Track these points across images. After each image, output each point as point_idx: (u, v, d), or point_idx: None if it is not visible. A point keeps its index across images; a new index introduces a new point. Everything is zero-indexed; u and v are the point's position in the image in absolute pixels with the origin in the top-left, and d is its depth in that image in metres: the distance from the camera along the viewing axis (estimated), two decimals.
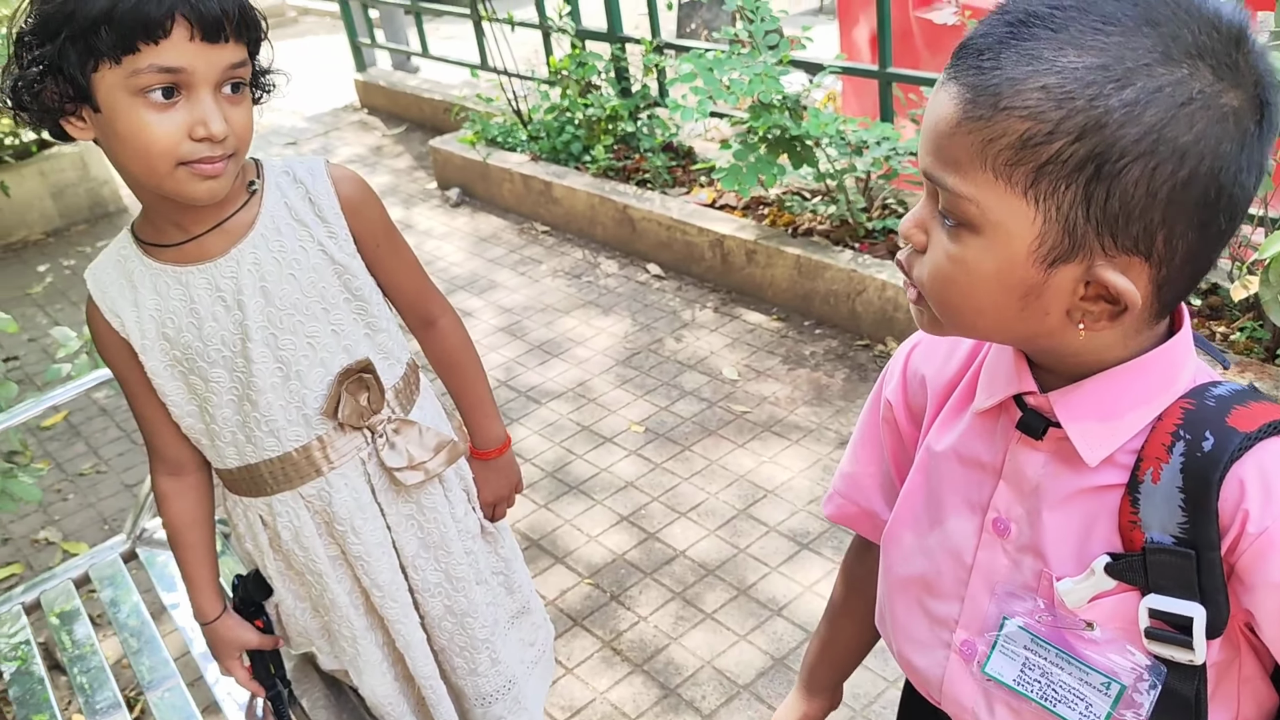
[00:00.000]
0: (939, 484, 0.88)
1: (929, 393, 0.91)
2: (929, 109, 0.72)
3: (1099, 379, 0.74)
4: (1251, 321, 2.38)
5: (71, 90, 1.06)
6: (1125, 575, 0.74)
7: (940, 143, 0.69)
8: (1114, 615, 0.76)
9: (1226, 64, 0.64)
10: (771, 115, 2.76)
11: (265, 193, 1.24)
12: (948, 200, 0.70)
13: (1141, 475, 0.73)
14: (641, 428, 2.86)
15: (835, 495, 1.04)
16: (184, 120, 1.07)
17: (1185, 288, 0.71)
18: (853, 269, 3.01)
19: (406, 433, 1.35)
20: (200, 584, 1.39)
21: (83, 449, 3.19)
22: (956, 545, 0.86)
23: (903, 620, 0.94)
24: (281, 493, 1.32)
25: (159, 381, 1.26)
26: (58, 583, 1.84)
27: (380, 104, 5.80)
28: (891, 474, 0.98)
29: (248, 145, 1.16)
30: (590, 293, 3.62)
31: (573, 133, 4.06)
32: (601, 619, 2.26)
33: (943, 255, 0.72)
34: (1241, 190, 0.67)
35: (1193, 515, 0.71)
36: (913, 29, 3.79)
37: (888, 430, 0.97)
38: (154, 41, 1.03)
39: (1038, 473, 0.79)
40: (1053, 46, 0.64)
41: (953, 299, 0.73)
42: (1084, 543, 0.77)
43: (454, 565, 1.43)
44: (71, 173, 4.95)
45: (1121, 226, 0.66)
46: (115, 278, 1.24)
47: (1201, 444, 0.71)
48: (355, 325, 1.30)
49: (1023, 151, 0.65)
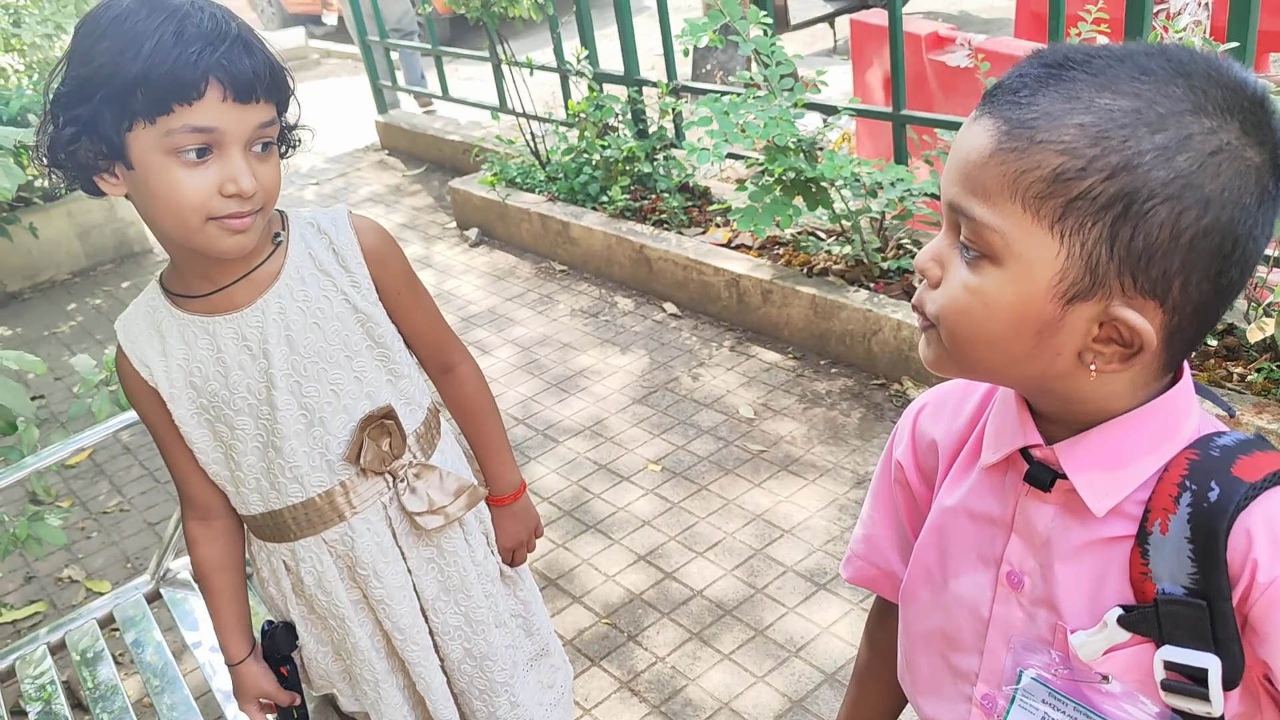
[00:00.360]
0: (951, 540, 0.89)
1: (939, 453, 0.92)
2: (958, 141, 0.73)
3: (1104, 429, 0.75)
4: (1269, 363, 2.38)
5: (105, 149, 1.10)
6: (1138, 627, 0.74)
7: (971, 172, 0.71)
8: (1130, 668, 0.76)
9: (1253, 123, 0.66)
10: (786, 158, 2.79)
11: (290, 244, 1.28)
12: (972, 230, 0.71)
13: (1150, 526, 0.73)
14: (659, 466, 2.87)
15: (854, 558, 1.05)
16: (215, 178, 1.10)
17: (1192, 340, 0.73)
18: (868, 309, 3.03)
19: (427, 477, 1.37)
20: (229, 627, 1.42)
21: (107, 487, 3.23)
22: (973, 599, 0.87)
23: (925, 674, 0.94)
24: (305, 538, 1.35)
25: (186, 429, 1.29)
26: (82, 623, 1.86)
27: (401, 145, 5.88)
28: (907, 534, 0.99)
29: (275, 200, 1.19)
30: (607, 331, 3.65)
31: (590, 174, 4.12)
32: (619, 659, 2.26)
33: (960, 286, 0.73)
34: (1254, 245, 0.69)
35: (1202, 566, 0.71)
36: (926, 72, 3.84)
37: (900, 491, 0.98)
38: (188, 103, 1.06)
39: (1048, 525, 0.80)
40: (1090, 88, 0.67)
41: (966, 331, 0.74)
42: (1096, 594, 0.78)
43: (474, 608, 1.45)
44: (98, 214, 5.04)
45: (1142, 268, 0.67)
46: (144, 328, 1.28)
47: (1208, 494, 0.71)
48: (378, 372, 1.33)
49: (1055, 185, 0.67)
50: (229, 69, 1.07)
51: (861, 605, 2.29)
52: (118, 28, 1.07)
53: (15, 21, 4.50)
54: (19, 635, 2.61)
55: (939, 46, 3.72)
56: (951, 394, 0.93)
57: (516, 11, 3.96)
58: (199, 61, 1.06)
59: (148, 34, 1.06)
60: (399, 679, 1.45)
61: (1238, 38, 2.31)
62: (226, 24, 1.10)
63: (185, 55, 1.05)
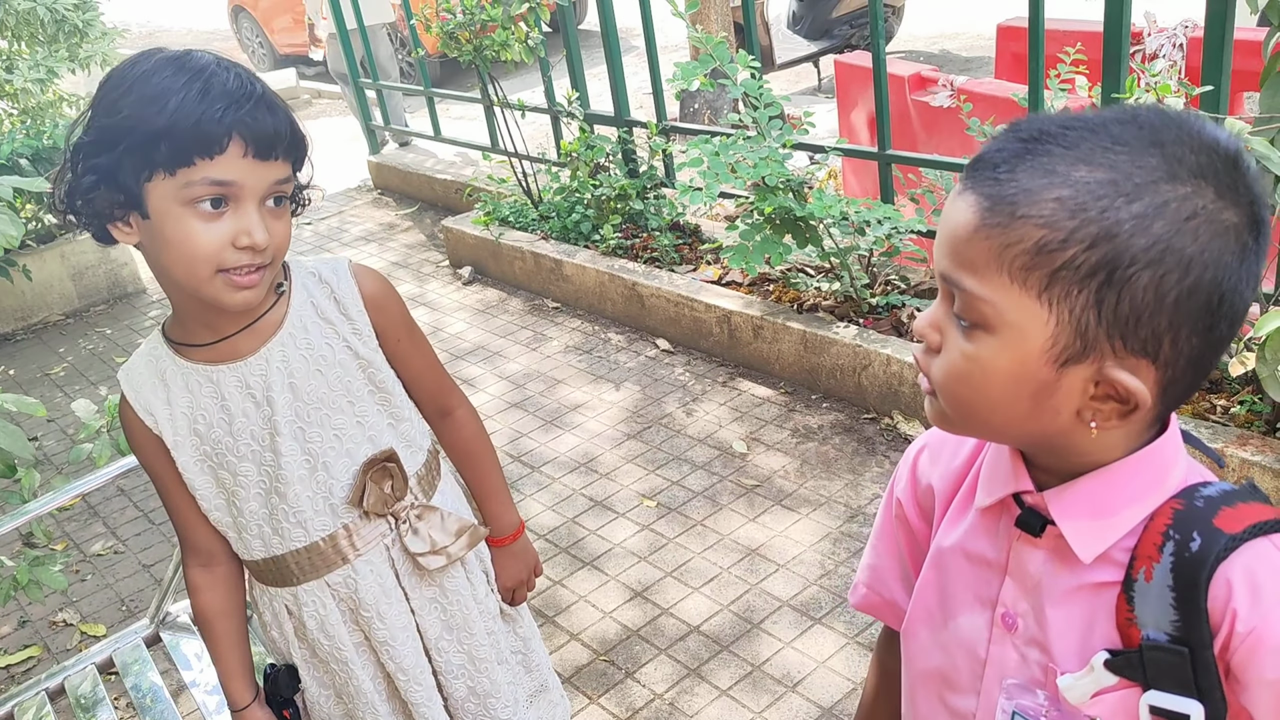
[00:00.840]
0: (949, 580, 0.91)
1: (936, 495, 0.95)
2: (945, 216, 0.76)
3: (1092, 477, 0.78)
4: (1251, 395, 2.43)
5: (123, 198, 1.13)
6: (1125, 671, 0.76)
7: (958, 247, 0.74)
8: (1117, 711, 0.78)
9: (1227, 184, 0.69)
10: (776, 197, 2.84)
11: (293, 293, 1.30)
12: (964, 300, 0.74)
13: (1135, 573, 0.76)
14: (653, 501, 2.89)
15: (860, 585, 1.08)
16: (229, 230, 1.13)
17: (1188, 389, 0.75)
18: (858, 343, 3.07)
19: (429, 518, 1.39)
20: (232, 672, 1.42)
21: (101, 529, 3.23)
22: (970, 640, 0.89)
23: (924, 713, 0.96)
24: (308, 582, 1.36)
25: (189, 476, 1.31)
26: (82, 668, 1.87)
27: (393, 184, 5.94)
28: (907, 567, 1.01)
29: (283, 255, 1.22)
30: (600, 367, 3.68)
31: (582, 212, 4.17)
32: (617, 695, 2.27)
33: (958, 354, 0.76)
34: (1240, 299, 0.71)
35: (1184, 614, 0.74)
36: (909, 111, 3.91)
37: (900, 527, 1.00)
38: (210, 157, 1.10)
39: (1039, 569, 0.82)
40: (1066, 162, 0.70)
41: (965, 396, 0.77)
42: (1086, 638, 0.80)
43: (476, 646, 1.46)
44: (91, 255, 5.07)
45: (1131, 330, 0.70)
46: (148, 377, 1.29)
47: (1189, 544, 0.74)
48: (379, 416, 1.35)
49: (1038, 257, 0.70)
50: (252, 126, 1.11)
51: (857, 640, 2.31)
52: (144, 83, 1.11)
53: (8, 67, 4.55)
54: (14, 681, 2.60)
55: (922, 87, 3.79)
56: (949, 437, 0.96)
57: (508, 55, 4.02)
58: (223, 118, 1.09)
59: (174, 90, 1.09)
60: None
61: (1211, 81, 2.37)
62: (251, 84, 1.14)
63: (211, 112, 1.09)
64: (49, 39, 4.47)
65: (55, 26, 4.36)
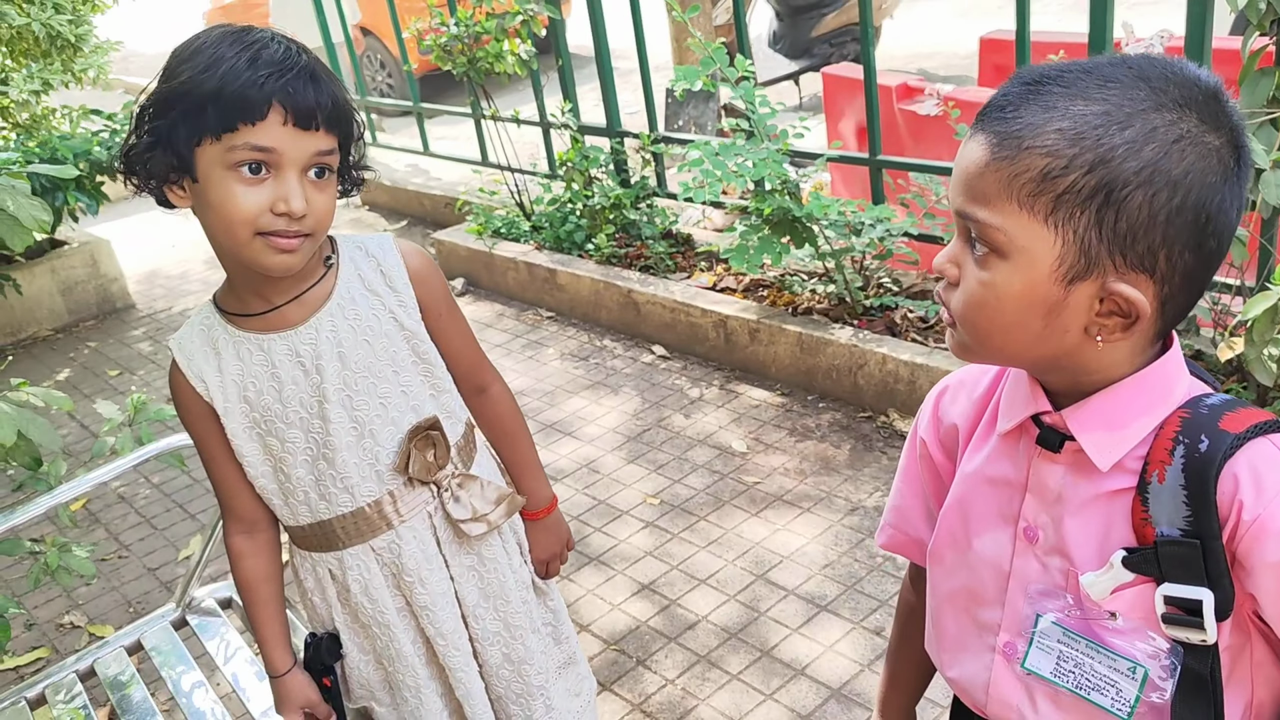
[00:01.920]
0: (973, 504, 0.98)
1: (960, 431, 1.02)
2: (959, 157, 0.84)
3: (1105, 394, 0.86)
4: (1237, 384, 2.52)
5: (176, 161, 1.18)
6: (1141, 567, 0.84)
7: (971, 182, 0.82)
8: (1134, 605, 0.85)
9: (1209, 113, 0.78)
10: (774, 198, 2.92)
11: (341, 266, 1.35)
12: (979, 231, 0.82)
13: (1149, 477, 0.84)
14: (656, 500, 2.94)
15: (886, 526, 1.14)
16: (268, 195, 1.18)
17: (1186, 305, 0.84)
18: (854, 344, 3.15)
19: (469, 486, 1.44)
20: (272, 639, 1.46)
21: (103, 534, 3.23)
22: (995, 555, 0.96)
23: (952, 631, 1.02)
24: (353, 546, 1.40)
25: (238, 443, 1.35)
26: (110, 650, 1.89)
27: (381, 200, 5.98)
28: (931, 504, 1.08)
29: (326, 228, 1.26)
30: (597, 374, 3.73)
31: (576, 222, 4.23)
32: (629, 683, 2.31)
33: (975, 282, 0.84)
34: (1226, 217, 0.80)
35: (1195, 509, 0.81)
36: (896, 120, 4.02)
37: (925, 466, 1.07)
38: (251, 123, 1.15)
39: (1058, 482, 0.90)
40: (1065, 98, 0.78)
41: (983, 321, 0.85)
42: (1104, 542, 0.87)
43: (512, 614, 1.51)
44: (81, 270, 5.07)
45: (1129, 245, 0.78)
46: (200, 345, 1.34)
47: (1199, 445, 0.82)
48: (422, 386, 1.40)
49: (1043, 183, 0.78)
50: (292, 95, 1.16)
51: (863, 624, 2.36)
52: (201, 52, 1.17)
53: (2, 80, 4.57)
54: (22, 681, 2.60)
55: (909, 96, 3.90)
56: (967, 377, 1.04)
57: (502, 67, 4.09)
58: (265, 85, 1.14)
59: (225, 59, 1.15)
60: (438, 686, 1.50)
61: None
62: (298, 56, 1.19)
63: (254, 79, 1.14)
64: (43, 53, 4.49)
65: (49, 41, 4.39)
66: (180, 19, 10.45)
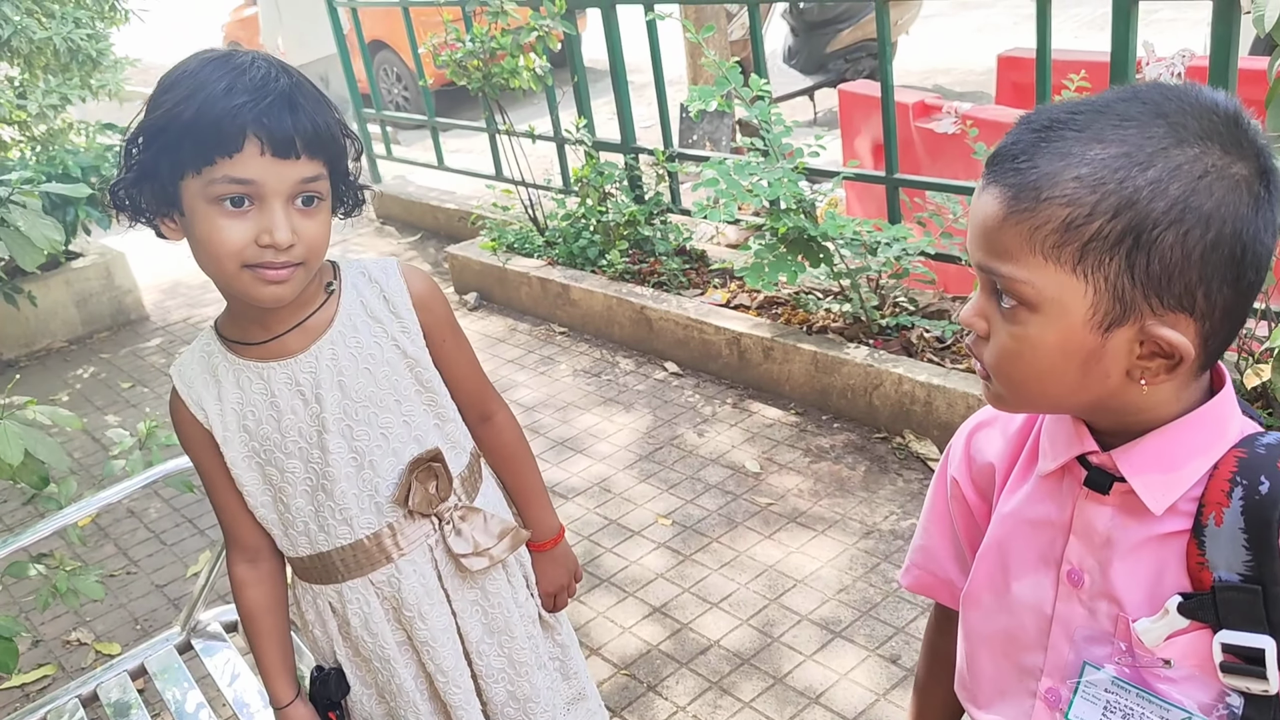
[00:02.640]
0: (1012, 545, 0.95)
1: (995, 470, 0.98)
2: (974, 211, 0.81)
3: (1157, 435, 0.82)
4: (1262, 410, 2.47)
5: (161, 195, 1.16)
6: (1197, 614, 0.80)
7: (990, 237, 0.79)
8: (1189, 653, 0.82)
9: (1231, 141, 0.75)
10: (789, 216, 2.90)
11: (343, 292, 1.32)
12: (1005, 285, 0.79)
13: (1205, 520, 0.80)
14: (668, 520, 2.91)
15: (912, 567, 1.11)
16: (253, 228, 1.14)
17: (1227, 338, 0.81)
18: (869, 364, 3.11)
19: (472, 519, 1.40)
20: (274, 670, 1.42)
21: (112, 550, 3.22)
22: (1036, 599, 0.92)
23: (990, 674, 0.99)
24: (352, 579, 1.37)
25: (237, 471, 1.32)
26: (113, 675, 1.86)
27: (395, 213, 5.98)
28: (962, 545, 1.05)
29: (319, 255, 1.22)
30: (609, 390, 3.71)
31: (589, 238, 4.22)
32: (640, 709, 2.27)
33: (1005, 336, 0.81)
34: (1263, 246, 0.76)
35: (1256, 553, 0.78)
36: (913, 138, 3.99)
37: (956, 506, 1.04)
38: (229, 155, 1.11)
39: (1107, 525, 0.86)
40: (1080, 143, 0.75)
41: (1018, 374, 0.82)
42: (1156, 586, 0.84)
43: (516, 650, 1.47)
44: (96, 282, 5.08)
45: (1165, 287, 0.75)
46: (199, 373, 1.32)
47: (1259, 487, 0.78)
48: (425, 416, 1.37)
49: (1067, 234, 0.75)
50: (267, 125, 1.12)
51: (878, 652, 2.32)
52: (182, 82, 1.14)
53: (21, 94, 4.59)
54: (28, 699, 2.58)
55: (926, 114, 3.87)
56: (992, 418, 1.00)
57: (517, 83, 4.08)
58: (239, 116, 1.11)
59: (204, 87, 1.12)
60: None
61: None
62: (275, 80, 1.14)
63: (229, 108, 1.10)
64: (61, 67, 4.51)
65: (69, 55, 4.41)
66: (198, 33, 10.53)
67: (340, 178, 1.26)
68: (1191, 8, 7.15)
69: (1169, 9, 7.79)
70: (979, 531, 1.01)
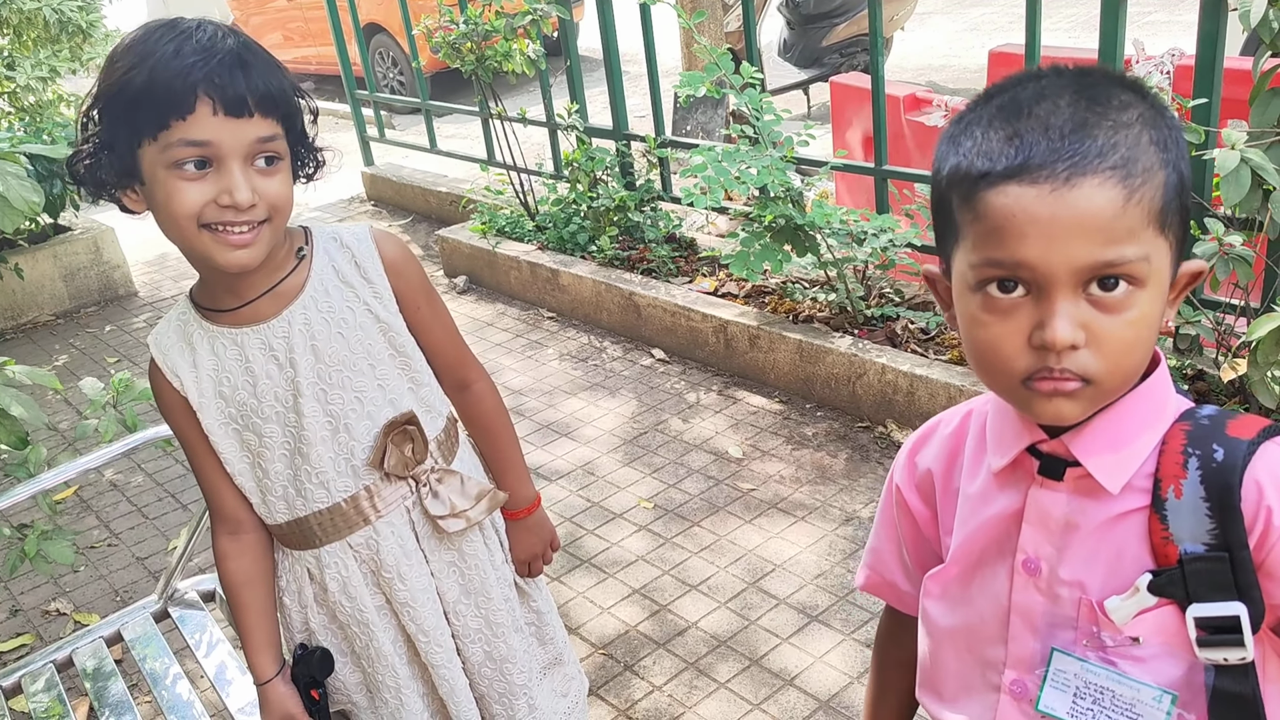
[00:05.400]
0: (969, 540, 0.94)
1: (935, 475, 0.99)
2: (1064, 214, 0.73)
3: (1105, 414, 0.83)
4: (1237, 405, 2.49)
5: (120, 166, 1.16)
6: (1166, 590, 0.81)
7: (1108, 226, 0.73)
8: (1158, 629, 0.82)
9: (1139, 92, 0.79)
10: (777, 206, 2.90)
11: (314, 258, 1.33)
12: (1127, 270, 0.74)
13: (1164, 494, 0.81)
14: (650, 504, 2.92)
15: (865, 567, 1.12)
16: (212, 190, 1.14)
17: None
18: (853, 353, 3.13)
19: (449, 482, 1.42)
20: (257, 644, 1.42)
21: (93, 522, 3.22)
22: (994, 591, 0.92)
23: (954, 670, 0.98)
24: (330, 544, 1.38)
25: (215, 438, 1.33)
26: (89, 641, 1.87)
27: (386, 196, 5.97)
28: (906, 550, 1.05)
29: (284, 214, 1.22)
30: (596, 376, 3.71)
31: (579, 224, 4.22)
32: (616, 688, 2.29)
33: (1121, 327, 0.76)
34: None
35: (1220, 520, 0.79)
36: (903, 131, 4.00)
37: (902, 515, 1.04)
38: (182, 117, 1.11)
39: (1064, 510, 0.86)
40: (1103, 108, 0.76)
41: (1133, 360, 0.78)
42: (1117, 565, 0.84)
43: (494, 611, 1.49)
44: (84, 256, 5.06)
45: (1184, 227, 0.79)
46: (175, 340, 1.32)
47: (1213, 456, 0.80)
48: (399, 380, 1.38)
49: (1169, 197, 0.77)
50: (219, 84, 1.12)
51: (854, 636, 2.34)
52: (134, 48, 1.14)
53: (9, 65, 4.56)
54: (3, 666, 2.58)
55: (916, 108, 3.88)
56: (934, 426, 1.02)
57: (510, 66, 4.08)
58: (189, 76, 1.10)
59: (154, 52, 1.11)
60: (419, 686, 1.48)
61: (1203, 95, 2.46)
62: (223, 40, 1.14)
63: (180, 69, 1.10)
64: (51, 39, 4.49)
65: (59, 27, 4.39)
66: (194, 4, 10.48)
67: (297, 139, 1.26)
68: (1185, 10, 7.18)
69: (1163, 11, 7.82)
70: (923, 539, 1.01)
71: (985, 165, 0.77)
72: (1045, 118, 0.76)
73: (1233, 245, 2.22)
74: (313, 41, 9.60)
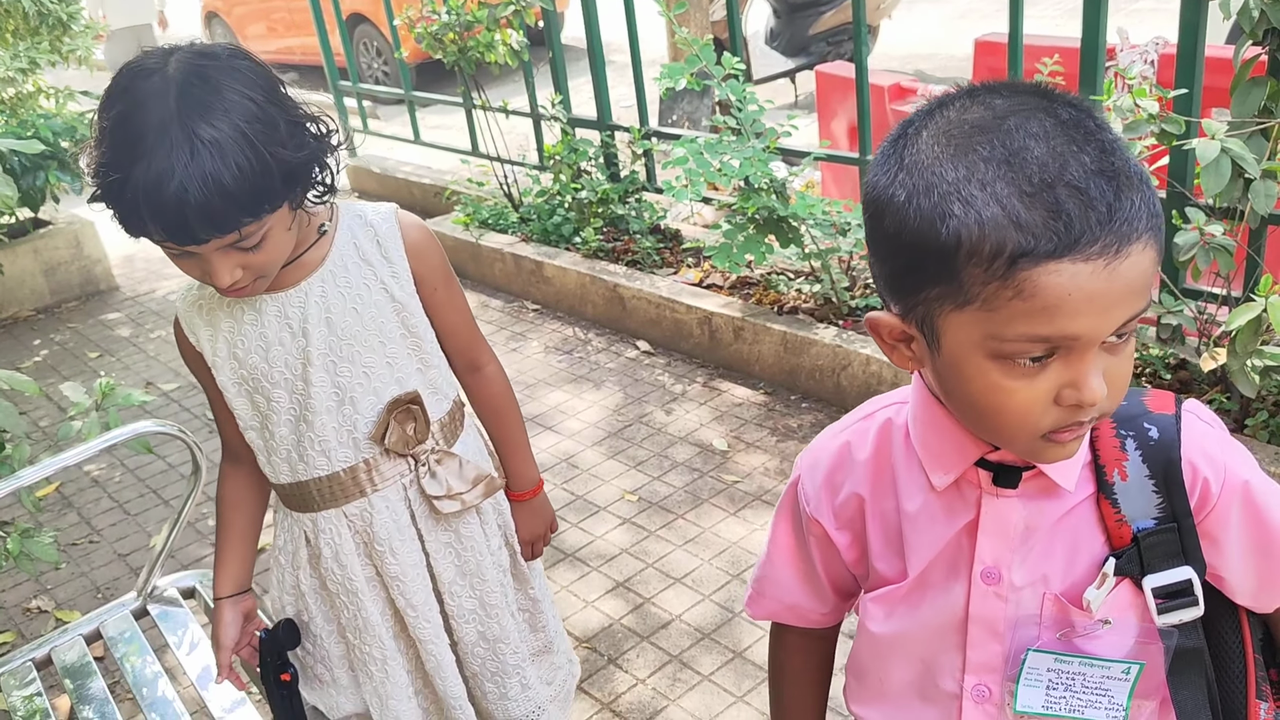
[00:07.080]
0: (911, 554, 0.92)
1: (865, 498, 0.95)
2: (1119, 285, 0.70)
3: None
4: (1219, 394, 2.50)
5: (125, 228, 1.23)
6: (1125, 568, 0.84)
7: (1139, 284, 0.71)
8: (1118, 606, 0.85)
9: None
10: (760, 198, 2.90)
11: (337, 233, 1.35)
12: (1138, 320, 0.74)
13: (1110, 478, 0.84)
14: (634, 496, 2.92)
15: (761, 596, 1.07)
16: (197, 271, 1.23)
17: None
18: (838, 344, 3.13)
19: (448, 464, 1.44)
20: (224, 561, 1.49)
21: (75, 519, 3.20)
22: (948, 603, 0.91)
23: (902, 681, 0.97)
24: (326, 510, 1.41)
25: (228, 396, 1.38)
26: (69, 639, 1.86)
27: (370, 188, 5.94)
28: (821, 576, 1.01)
29: (277, 262, 1.26)
30: (580, 368, 3.71)
31: (564, 215, 4.20)
32: (600, 681, 2.29)
33: (1125, 362, 0.76)
34: None
35: (1167, 493, 0.83)
36: (888, 121, 3.99)
37: (818, 544, 0.99)
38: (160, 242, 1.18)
39: (1020, 515, 0.86)
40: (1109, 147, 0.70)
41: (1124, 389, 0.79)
42: (1073, 555, 0.86)
43: (488, 593, 1.51)
44: (65, 251, 5.02)
45: None
46: (197, 299, 1.38)
47: (1148, 435, 0.84)
48: (409, 360, 1.40)
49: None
50: (165, 229, 1.14)
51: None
52: (116, 131, 1.14)
53: None
54: None
55: (901, 97, 3.88)
56: (832, 445, 0.97)
57: (493, 57, 4.06)
58: (138, 224, 1.15)
59: (137, 159, 1.11)
60: (405, 660, 1.50)
61: (1185, 85, 2.46)
62: (170, 177, 1.10)
63: (169, 221, 1.13)
64: (30, 31, 4.45)
65: (39, 19, 4.35)
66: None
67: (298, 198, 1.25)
68: None
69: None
70: (842, 564, 0.99)
71: (1027, 243, 0.69)
72: (1076, 181, 0.69)
73: (1214, 235, 2.23)
74: (296, 32, 9.53)
